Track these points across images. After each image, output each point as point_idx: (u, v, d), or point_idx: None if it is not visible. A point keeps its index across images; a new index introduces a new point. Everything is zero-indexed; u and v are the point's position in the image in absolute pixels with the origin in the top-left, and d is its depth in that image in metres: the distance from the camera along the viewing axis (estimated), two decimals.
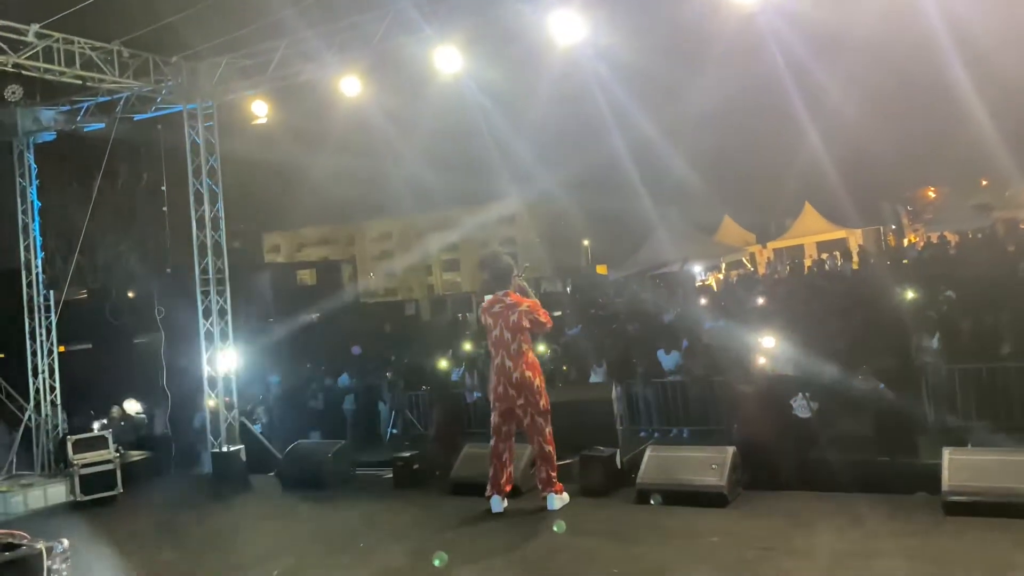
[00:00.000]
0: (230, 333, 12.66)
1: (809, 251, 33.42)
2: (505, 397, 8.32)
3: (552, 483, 8.40)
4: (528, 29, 10.18)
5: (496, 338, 8.41)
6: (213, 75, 12.20)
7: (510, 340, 8.34)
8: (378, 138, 19.02)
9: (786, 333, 13.18)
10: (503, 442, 8.48)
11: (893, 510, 7.37)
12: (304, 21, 10.85)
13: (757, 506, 8.02)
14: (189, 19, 10.41)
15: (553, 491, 8.37)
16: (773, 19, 10.38)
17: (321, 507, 9.91)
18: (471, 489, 9.38)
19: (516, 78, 12.66)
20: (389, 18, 10.54)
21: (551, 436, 8.44)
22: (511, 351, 8.31)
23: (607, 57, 11.76)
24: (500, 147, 26.83)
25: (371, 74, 11.49)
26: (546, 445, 8.36)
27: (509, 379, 8.28)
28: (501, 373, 8.33)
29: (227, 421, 12.57)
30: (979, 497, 6.94)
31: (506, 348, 8.34)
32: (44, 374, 13.12)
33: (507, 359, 8.32)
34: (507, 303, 8.47)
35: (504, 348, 8.34)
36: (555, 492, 8.38)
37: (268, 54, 11.57)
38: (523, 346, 8.36)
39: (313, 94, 12.23)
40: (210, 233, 12.58)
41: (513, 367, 8.28)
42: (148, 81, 11.91)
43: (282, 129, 13.63)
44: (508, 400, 8.31)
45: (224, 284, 12.65)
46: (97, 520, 10.37)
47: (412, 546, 7.84)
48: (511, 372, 8.28)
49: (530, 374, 8.32)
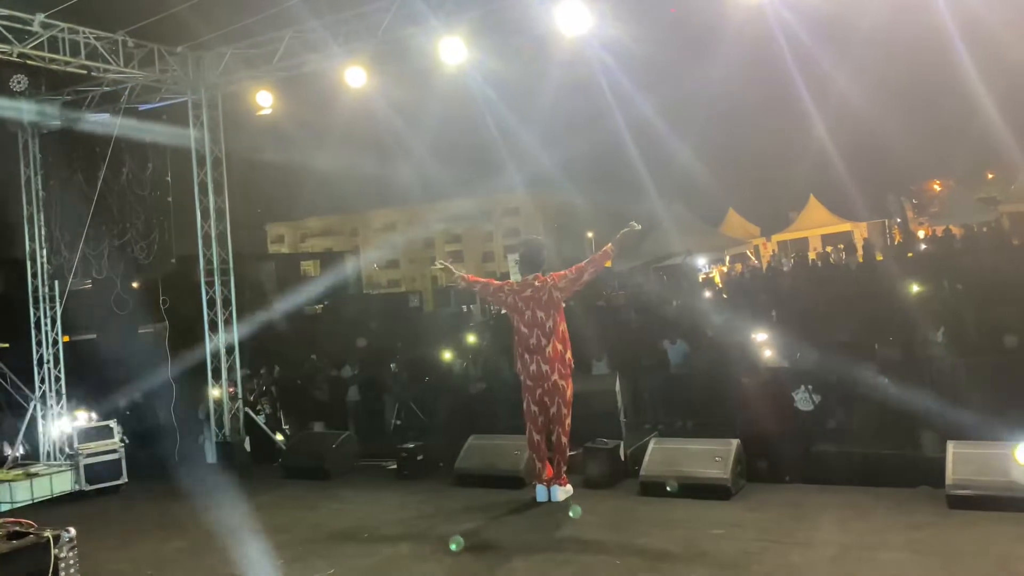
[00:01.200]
0: (234, 323, 12.69)
1: (814, 244, 33.31)
2: (539, 375, 8.41)
3: (560, 475, 8.50)
4: (534, 20, 10.15)
5: (529, 319, 8.51)
6: (218, 65, 12.20)
7: (544, 319, 8.49)
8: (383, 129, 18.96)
9: (790, 326, 13.18)
10: (540, 432, 8.55)
11: (897, 503, 7.39)
12: (309, 11, 10.83)
13: (760, 498, 8.04)
14: (194, 9, 10.39)
15: (559, 483, 8.45)
16: (780, 10, 10.31)
17: (325, 497, 9.94)
18: (475, 480, 9.43)
19: (522, 69, 12.58)
20: (395, 8, 10.52)
21: (569, 428, 8.56)
22: (546, 330, 8.47)
23: (613, 48, 11.70)
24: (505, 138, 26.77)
25: (376, 64, 11.46)
26: (563, 436, 8.49)
27: (543, 355, 8.41)
28: (537, 351, 8.43)
29: (231, 411, 12.62)
30: (983, 491, 6.96)
31: (541, 327, 8.48)
32: (49, 363, 13.16)
33: (542, 337, 8.46)
34: (536, 286, 8.62)
35: (539, 328, 8.48)
36: (560, 484, 8.46)
37: (273, 44, 11.55)
38: (559, 324, 8.53)
39: (318, 84, 12.21)
40: (214, 223, 12.60)
41: (546, 343, 8.43)
42: (153, 71, 11.90)
43: (287, 119, 13.61)
44: (542, 378, 8.40)
45: (228, 274, 12.67)
46: (103, 509, 10.43)
47: (416, 536, 7.86)
48: (544, 348, 8.41)
49: (561, 346, 8.49)
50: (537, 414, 8.50)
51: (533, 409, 8.52)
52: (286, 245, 71.84)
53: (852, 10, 12.53)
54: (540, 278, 8.69)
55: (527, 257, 8.98)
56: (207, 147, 12.53)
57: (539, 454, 8.53)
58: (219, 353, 12.57)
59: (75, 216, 12.99)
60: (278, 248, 67.94)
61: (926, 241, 26.14)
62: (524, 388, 8.54)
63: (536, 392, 8.46)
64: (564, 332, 8.61)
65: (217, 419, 12.65)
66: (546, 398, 8.44)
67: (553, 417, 8.46)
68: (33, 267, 13.36)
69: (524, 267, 8.92)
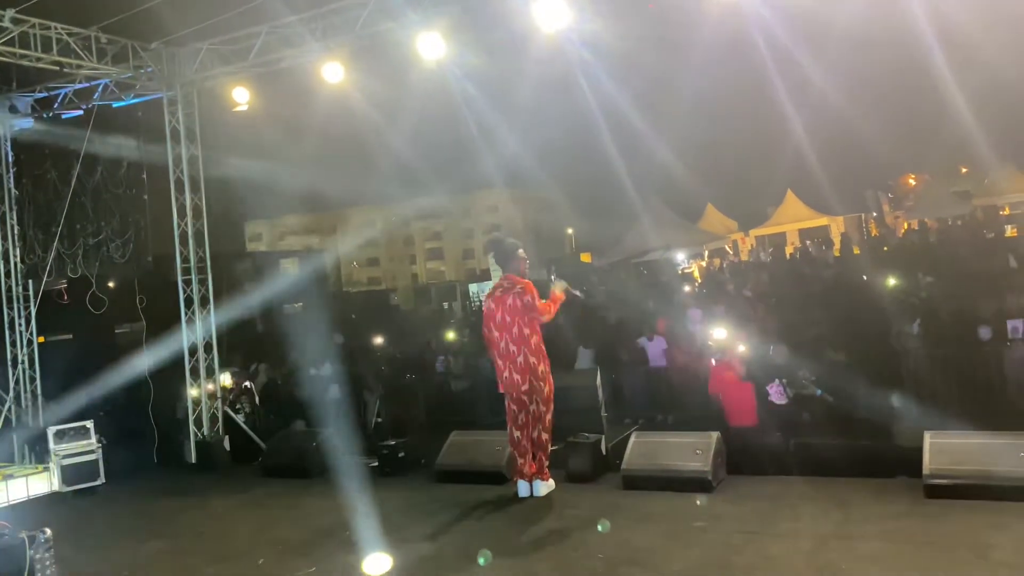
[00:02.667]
0: (212, 321, 12.58)
1: (791, 238, 33.59)
2: (511, 383, 8.28)
3: (543, 470, 8.46)
4: (513, 15, 10.15)
5: (499, 322, 8.31)
6: (193, 61, 12.08)
7: (511, 323, 8.26)
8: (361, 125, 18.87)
9: (767, 320, 13.28)
10: (520, 430, 8.39)
11: (875, 493, 7.46)
12: (286, 6, 10.75)
13: (741, 490, 8.08)
14: (168, 4, 10.30)
15: (541, 478, 8.42)
16: (758, 7, 10.39)
17: (306, 496, 9.89)
18: (457, 477, 9.41)
19: (500, 65, 12.58)
20: (373, 3, 10.46)
21: (550, 423, 8.46)
22: (513, 335, 8.23)
23: (591, 44, 11.73)
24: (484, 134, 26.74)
25: (354, 60, 11.40)
26: (543, 433, 8.42)
27: (515, 364, 8.23)
28: (506, 358, 8.28)
29: (210, 411, 12.52)
30: (959, 480, 7.05)
31: (509, 332, 8.25)
32: (24, 364, 12.98)
33: (511, 343, 8.25)
34: (505, 286, 8.41)
35: (507, 332, 8.26)
36: (542, 479, 8.43)
37: (249, 40, 11.46)
38: (524, 330, 8.23)
39: (295, 80, 12.13)
40: (191, 221, 12.48)
41: (516, 351, 8.22)
42: (127, 67, 11.77)
43: (264, 116, 13.50)
44: (515, 386, 8.27)
45: (206, 273, 12.56)
46: (79, 511, 10.31)
47: (398, 534, 7.83)
48: (515, 356, 8.22)
49: (534, 360, 8.24)
50: (517, 412, 8.42)
51: (513, 408, 8.44)
52: (264, 243, 71.38)
53: (828, 8, 12.63)
54: (511, 278, 8.46)
55: (500, 256, 8.75)
56: (183, 144, 12.40)
57: (519, 450, 8.46)
58: (197, 352, 12.45)
59: (49, 214, 12.83)
60: (256, 246, 67.48)
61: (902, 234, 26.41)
62: (503, 391, 8.47)
63: (513, 394, 8.37)
64: (538, 344, 8.33)
65: (196, 419, 12.53)
66: (524, 397, 8.34)
67: (533, 415, 8.39)
68: (6, 266, 13.17)
69: (500, 266, 8.75)
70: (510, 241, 8.86)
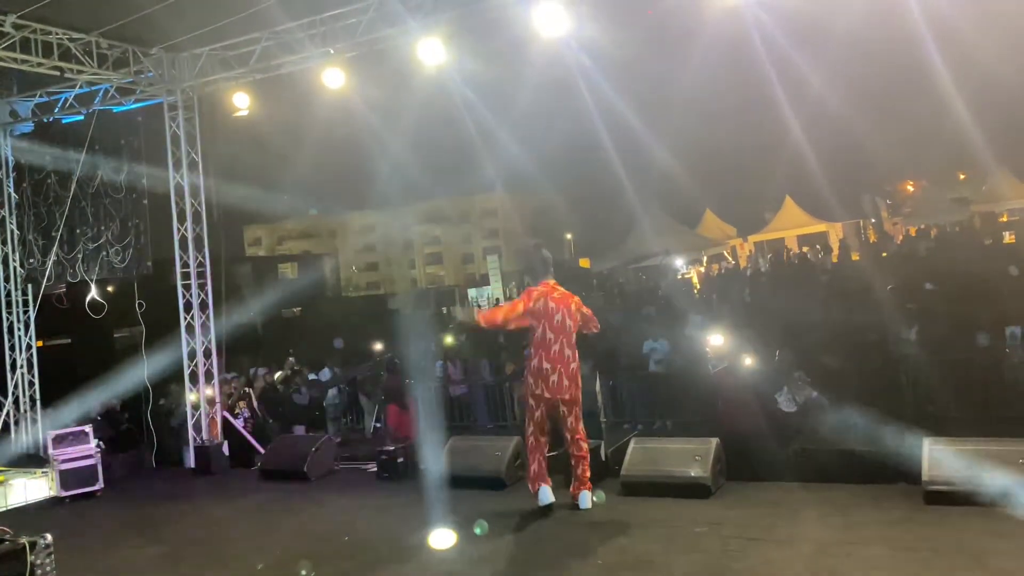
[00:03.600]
0: (211, 326, 12.58)
1: (790, 244, 33.57)
2: (560, 388, 7.98)
3: (587, 481, 8.18)
4: (512, 21, 10.17)
5: (557, 325, 8.05)
6: (194, 66, 12.10)
7: (569, 330, 8.12)
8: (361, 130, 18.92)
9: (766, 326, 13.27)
10: (544, 436, 8.20)
11: (874, 500, 7.47)
12: (286, 12, 10.75)
13: (740, 497, 8.09)
14: (169, 9, 10.26)
15: (586, 488, 8.14)
16: (756, 12, 10.42)
17: (305, 501, 9.88)
18: (456, 482, 9.40)
19: (500, 70, 12.62)
20: (372, 10, 10.49)
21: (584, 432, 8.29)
22: (570, 341, 8.10)
23: (590, 50, 11.77)
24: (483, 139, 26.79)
25: (354, 66, 11.43)
26: (583, 443, 8.19)
27: (567, 369, 8.02)
28: (559, 362, 8.00)
29: (209, 415, 12.51)
30: (958, 486, 7.05)
31: (567, 337, 8.08)
32: (23, 369, 12.98)
33: (566, 347, 8.05)
34: (562, 291, 8.27)
35: (565, 336, 8.06)
36: (588, 489, 8.15)
37: (249, 45, 11.48)
38: (574, 338, 8.18)
39: (296, 86, 12.15)
40: (191, 226, 12.48)
41: (571, 357, 8.08)
42: (127, 72, 11.79)
43: (264, 121, 13.53)
44: (562, 391, 7.98)
45: (205, 277, 12.56)
46: (78, 516, 10.30)
47: (396, 539, 7.84)
48: (569, 362, 8.05)
49: (575, 367, 8.14)
50: (545, 419, 8.13)
51: (539, 416, 8.12)
52: (263, 247, 71.37)
53: (827, 13, 12.69)
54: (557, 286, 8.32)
55: (534, 265, 8.47)
56: (183, 149, 12.41)
57: (541, 455, 8.17)
58: (196, 357, 12.45)
59: (49, 219, 12.83)
60: (256, 251, 67.50)
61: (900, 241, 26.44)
62: (534, 395, 8.09)
63: (551, 403, 8.04)
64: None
65: (195, 423, 12.52)
66: (563, 408, 8.08)
67: (570, 428, 8.12)
68: (5, 271, 13.17)
69: (537, 276, 8.39)
70: (533, 243, 8.88)
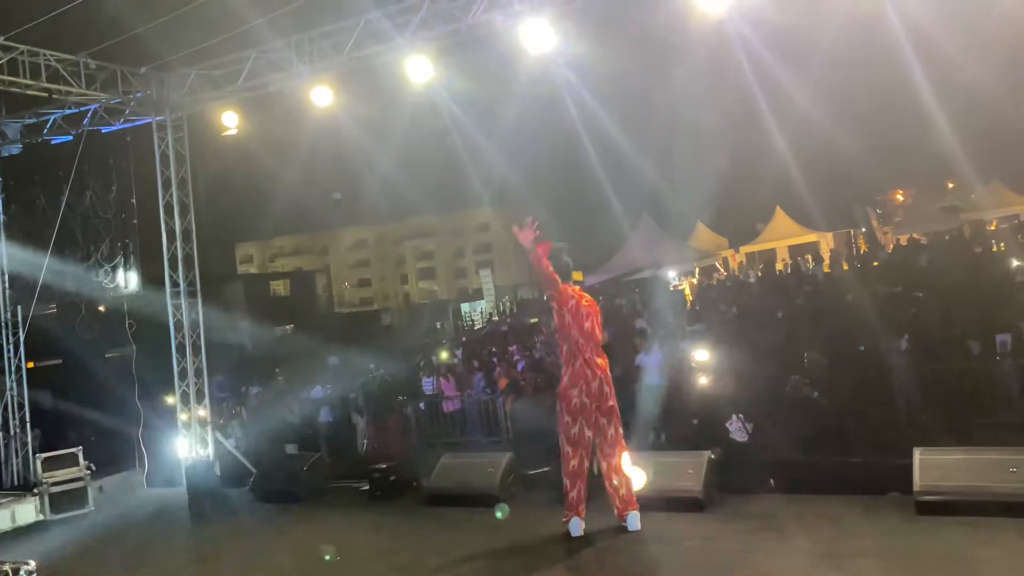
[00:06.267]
0: (202, 346, 12.53)
1: (781, 255, 33.68)
2: (602, 395, 7.57)
3: (633, 500, 7.74)
4: (499, 39, 10.22)
5: (588, 329, 7.63)
6: (182, 86, 12.12)
7: (596, 336, 7.77)
8: (351, 147, 18.97)
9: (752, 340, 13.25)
10: (589, 457, 7.74)
11: (866, 510, 7.46)
12: (274, 31, 10.80)
13: (733, 510, 8.07)
14: (157, 30, 10.33)
15: (633, 508, 7.70)
16: (741, 26, 10.50)
17: (296, 521, 9.83)
18: (447, 500, 9.37)
19: (488, 86, 12.68)
20: (360, 28, 10.53)
21: None
22: (596, 348, 7.74)
23: (577, 66, 11.84)
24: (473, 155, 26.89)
25: (343, 83, 11.46)
26: (627, 458, 7.77)
27: (606, 375, 7.67)
28: (597, 368, 7.58)
29: (201, 435, 12.44)
30: (949, 496, 7.06)
31: (595, 343, 7.68)
32: (12, 391, 12.88)
33: (595, 356, 7.69)
34: (589, 298, 7.95)
35: (594, 342, 7.66)
36: (635, 510, 7.71)
37: (238, 64, 11.50)
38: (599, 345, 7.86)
39: (285, 104, 12.18)
40: (181, 245, 12.46)
41: (605, 364, 7.72)
42: (116, 93, 11.79)
43: (254, 139, 13.55)
44: (601, 399, 7.56)
45: (196, 296, 12.53)
46: (68, 539, 10.20)
47: (389, 558, 7.80)
48: (605, 369, 7.67)
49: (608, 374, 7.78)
50: (591, 439, 7.59)
51: (588, 434, 7.55)
52: (255, 265, 71.24)
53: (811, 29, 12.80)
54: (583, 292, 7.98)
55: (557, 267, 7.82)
56: (172, 168, 12.41)
57: (582, 482, 7.71)
58: (187, 376, 12.39)
59: (38, 239, 12.77)
60: (247, 268, 67.36)
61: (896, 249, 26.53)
62: (572, 410, 7.54)
63: (592, 415, 7.53)
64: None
65: (186, 443, 12.44)
66: (603, 420, 7.58)
67: (611, 440, 7.68)
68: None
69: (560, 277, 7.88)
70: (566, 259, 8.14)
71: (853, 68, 21.66)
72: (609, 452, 7.65)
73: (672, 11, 9.58)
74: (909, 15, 11.60)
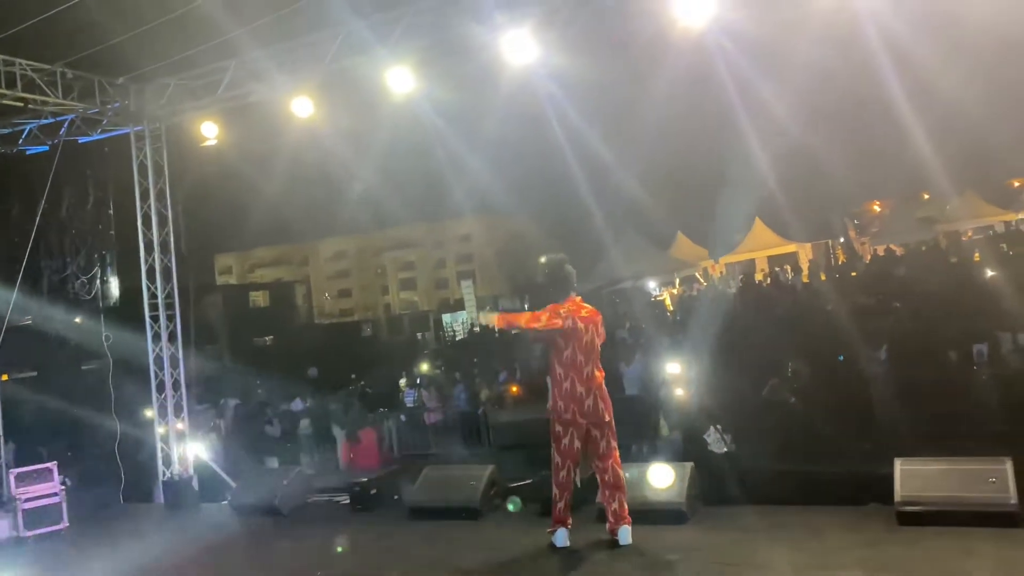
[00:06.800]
0: (180, 358, 12.39)
1: (760, 265, 33.96)
2: (595, 412, 7.53)
3: (625, 514, 7.61)
4: (481, 49, 10.22)
5: (588, 344, 7.52)
6: (161, 96, 12.01)
7: (598, 347, 7.63)
8: (332, 157, 18.92)
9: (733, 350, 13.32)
10: (577, 468, 7.62)
11: (849, 522, 7.47)
12: (254, 41, 10.72)
13: (715, 522, 8.05)
14: (135, 40, 10.21)
15: (626, 523, 7.57)
16: (721, 39, 10.58)
17: (277, 536, 9.71)
18: (429, 513, 9.29)
19: (470, 98, 12.68)
20: (341, 38, 10.49)
21: None
22: (596, 362, 7.59)
23: (559, 77, 11.87)
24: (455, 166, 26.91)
25: (324, 94, 11.41)
26: (620, 469, 7.64)
27: (601, 391, 7.53)
28: (593, 384, 7.49)
29: (179, 449, 12.29)
30: (930, 506, 7.09)
31: (595, 355, 7.59)
32: None
33: (596, 370, 7.55)
34: (589, 308, 7.73)
35: (594, 355, 7.58)
36: (628, 524, 7.57)
37: (217, 74, 11.42)
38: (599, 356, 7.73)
39: (265, 114, 12.10)
40: (159, 257, 12.33)
41: (601, 379, 7.58)
42: (93, 103, 11.66)
43: (234, 149, 13.45)
44: (596, 415, 7.47)
45: (174, 309, 12.39)
46: (42, 557, 10.01)
47: (371, 573, 7.72)
48: (601, 383, 7.55)
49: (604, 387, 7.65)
50: (579, 451, 7.55)
51: (577, 445, 7.48)
52: (234, 276, 70.71)
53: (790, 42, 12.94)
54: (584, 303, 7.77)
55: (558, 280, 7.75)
56: (151, 179, 12.29)
57: (568, 494, 7.61)
58: (165, 389, 12.24)
59: (13, 250, 12.61)
60: (226, 279, 66.82)
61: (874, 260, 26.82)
62: (564, 422, 7.47)
63: (584, 428, 7.44)
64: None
65: (164, 457, 12.29)
66: (595, 432, 7.52)
67: (602, 453, 7.54)
68: None
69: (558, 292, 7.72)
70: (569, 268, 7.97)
71: (831, 80, 21.97)
72: (602, 466, 7.55)
73: (653, 24, 9.63)
74: (887, 28, 11.75)
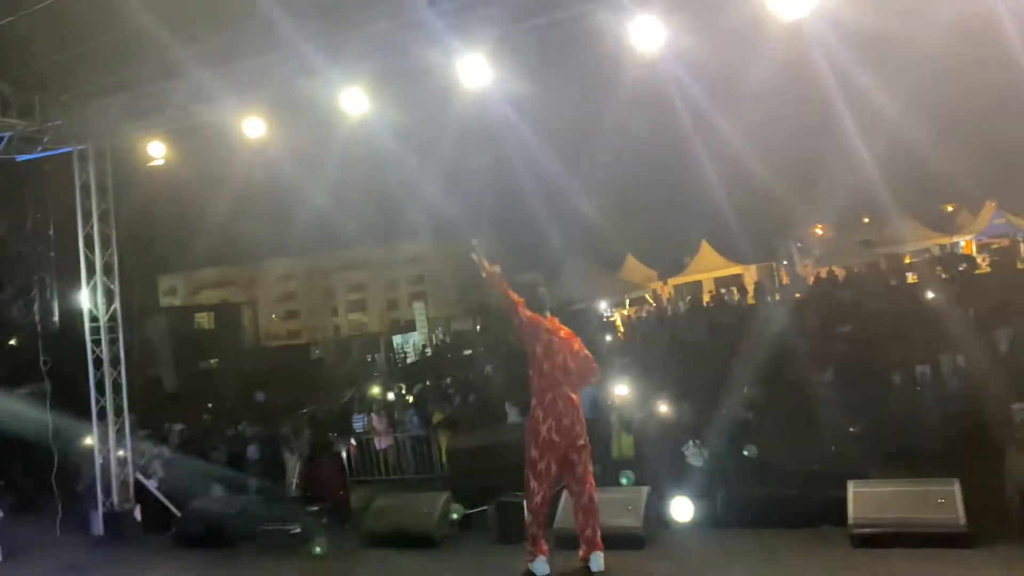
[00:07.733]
0: (123, 383, 12.01)
1: (707, 287, 34.46)
2: (569, 434, 7.30)
3: (598, 540, 7.42)
4: (436, 72, 10.20)
5: (561, 364, 7.41)
6: (105, 115, 11.70)
7: (572, 371, 7.47)
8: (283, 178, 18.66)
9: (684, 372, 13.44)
10: (550, 495, 7.47)
11: (805, 545, 7.55)
12: (201, 63, 10.54)
13: (672, 546, 8.08)
14: (79, 58, 9.96)
15: (599, 549, 7.42)
16: (673, 66, 10.76)
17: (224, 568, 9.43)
18: (383, 541, 9.14)
19: (424, 120, 12.64)
20: (292, 60, 10.37)
21: None
22: (572, 384, 7.49)
23: (514, 100, 11.92)
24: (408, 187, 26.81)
25: (275, 115, 11.24)
26: (595, 494, 7.50)
27: (578, 414, 7.39)
28: (570, 404, 7.36)
29: (120, 477, 11.87)
30: (884, 528, 7.20)
31: (569, 379, 7.45)
32: None
33: (571, 392, 7.44)
34: (567, 331, 7.67)
35: (568, 378, 7.43)
36: (600, 550, 7.42)
37: (165, 94, 11.18)
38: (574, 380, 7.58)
39: (215, 134, 11.87)
40: (101, 279, 11.97)
41: (577, 400, 7.47)
42: (33, 121, 11.31)
43: (182, 169, 13.16)
44: (572, 438, 7.31)
45: (116, 332, 12.02)
46: None
47: None
48: (577, 406, 7.43)
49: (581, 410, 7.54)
50: (555, 474, 7.33)
51: (553, 468, 7.28)
52: (178, 297, 69.04)
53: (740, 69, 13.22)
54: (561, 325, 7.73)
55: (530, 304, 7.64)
56: (94, 200, 11.94)
57: (543, 519, 7.47)
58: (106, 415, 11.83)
59: None
60: (170, 301, 65.20)
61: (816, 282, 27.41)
62: (541, 443, 7.26)
63: (561, 450, 7.27)
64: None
65: (104, 486, 11.85)
66: (575, 456, 7.34)
67: (580, 477, 7.41)
68: None
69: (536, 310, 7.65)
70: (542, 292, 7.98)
71: (776, 105, 22.53)
72: (577, 490, 7.43)
73: (607, 51, 9.74)
74: (831, 53, 12.09)
